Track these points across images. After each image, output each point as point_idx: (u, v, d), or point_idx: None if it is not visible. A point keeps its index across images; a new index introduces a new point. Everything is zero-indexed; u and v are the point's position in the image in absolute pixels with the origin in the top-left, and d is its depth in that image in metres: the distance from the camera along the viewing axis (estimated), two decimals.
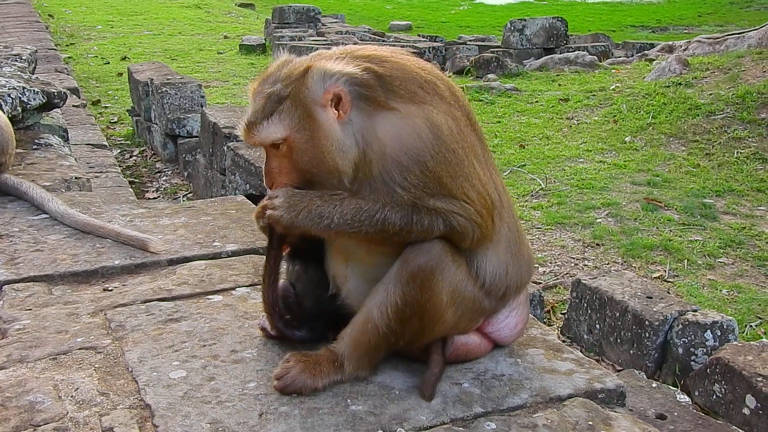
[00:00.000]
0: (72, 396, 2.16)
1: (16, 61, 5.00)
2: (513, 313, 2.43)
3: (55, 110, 5.09)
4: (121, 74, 13.52)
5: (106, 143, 9.55)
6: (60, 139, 4.68)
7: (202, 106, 9.47)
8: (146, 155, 10.33)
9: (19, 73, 4.70)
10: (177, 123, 9.59)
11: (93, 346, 2.43)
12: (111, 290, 2.84)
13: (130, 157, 10.30)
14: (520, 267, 2.38)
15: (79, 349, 2.42)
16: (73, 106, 10.51)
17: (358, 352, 2.26)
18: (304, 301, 2.42)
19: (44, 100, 4.57)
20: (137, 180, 9.24)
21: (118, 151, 10.36)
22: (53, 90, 4.70)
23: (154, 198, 8.71)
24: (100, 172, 8.53)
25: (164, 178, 9.42)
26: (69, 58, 14.94)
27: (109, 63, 14.97)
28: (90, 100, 12.41)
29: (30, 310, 2.68)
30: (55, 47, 14.11)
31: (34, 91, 4.48)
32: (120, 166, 9.18)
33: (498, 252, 2.32)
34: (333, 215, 2.15)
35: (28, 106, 4.44)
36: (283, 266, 2.40)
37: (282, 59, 2.29)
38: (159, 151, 10.09)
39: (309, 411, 2.12)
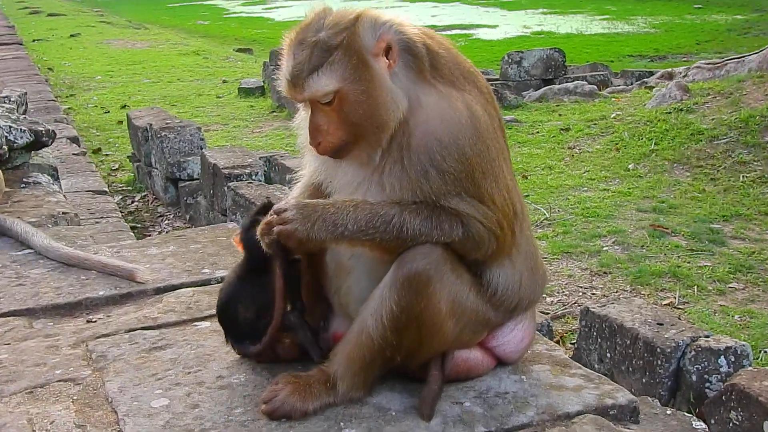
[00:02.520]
0: (47, 430, 2.04)
1: (5, 102, 4.96)
2: (519, 326, 2.28)
3: (45, 150, 5.03)
4: (121, 122, 13.54)
5: (106, 189, 9.53)
6: (49, 178, 4.63)
7: (201, 149, 9.45)
8: (148, 200, 10.29)
9: (6, 114, 4.65)
10: (177, 166, 9.57)
11: (72, 378, 2.33)
12: (95, 321, 2.74)
13: (132, 202, 10.27)
14: (534, 282, 2.25)
15: (58, 381, 2.31)
16: (73, 154, 10.53)
17: (352, 369, 2.11)
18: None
19: (32, 139, 4.52)
20: (139, 225, 9.18)
21: (120, 197, 10.34)
22: (41, 128, 4.65)
23: None
24: (101, 217, 8.48)
25: (166, 222, 9.35)
26: (69, 108, 15.00)
27: (109, 112, 15.02)
28: (91, 148, 12.42)
29: (8, 344, 2.57)
30: (54, 99, 14.20)
31: (20, 129, 4.43)
32: (122, 212, 9.13)
33: (515, 264, 2.18)
34: (347, 222, 2.01)
35: (15, 144, 4.39)
36: None
37: (319, 8, 2.11)
38: (160, 196, 10.04)
39: None
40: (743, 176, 8.49)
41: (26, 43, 21.44)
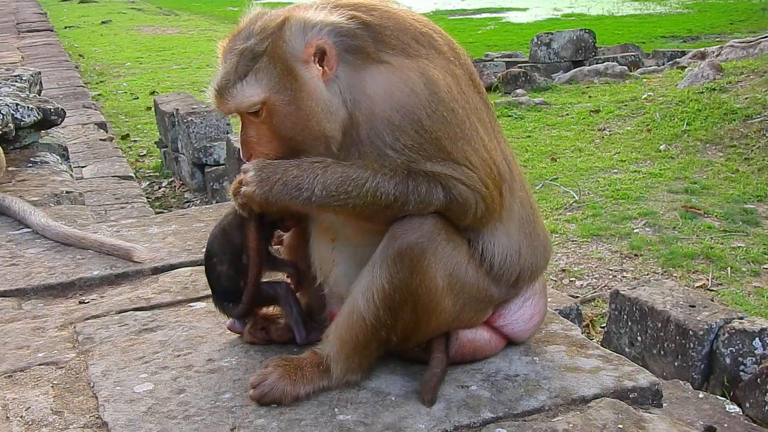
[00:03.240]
0: (21, 416, 1.95)
1: (16, 81, 4.89)
2: (527, 303, 2.12)
3: (55, 129, 4.96)
4: (149, 108, 13.57)
5: (132, 175, 9.53)
6: (58, 158, 4.55)
7: (227, 134, 9.42)
8: (175, 186, 10.30)
9: (17, 92, 4.58)
10: (203, 152, 9.55)
11: (54, 361, 2.23)
12: (87, 302, 2.63)
13: (159, 188, 10.28)
14: (535, 249, 2.07)
15: (39, 364, 2.21)
16: (101, 139, 10.54)
17: (346, 351, 1.97)
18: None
19: (39, 117, 4.43)
20: (165, 210, 9.16)
21: (147, 183, 10.36)
22: (50, 107, 4.56)
23: None
24: (126, 203, 8.47)
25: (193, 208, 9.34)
26: (98, 95, 15.08)
27: (138, 98, 15.07)
28: (119, 134, 12.47)
29: None
30: (83, 85, 14.25)
31: (28, 107, 4.34)
32: (149, 198, 9.13)
33: (509, 231, 2.01)
34: (314, 186, 1.86)
35: (22, 123, 4.30)
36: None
37: (254, 12, 1.99)
38: (187, 181, 10.04)
39: (289, 423, 1.86)
40: None
41: (57, 30, 21.59)
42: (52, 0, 32.82)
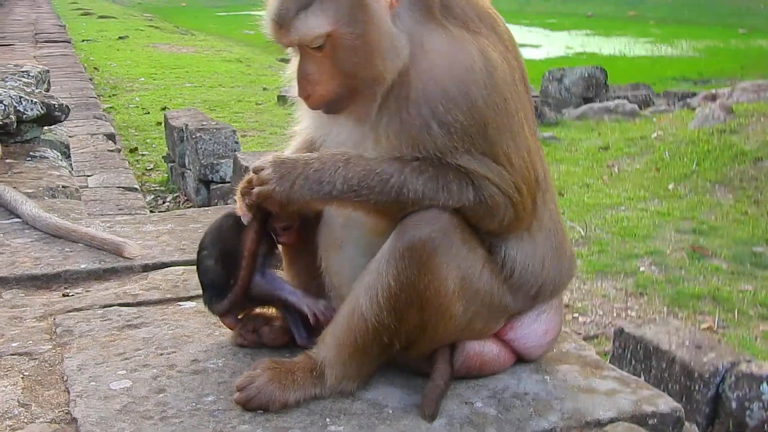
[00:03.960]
0: None
1: (23, 77, 4.85)
2: (542, 317, 1.99)
3: (58, 126, 4.90)
4: (160, 123, 13.60)
5: (137, 187, 9.50)
6: (58, 154, 4.48)
7: (234, 151, 9.40)
8: (179, 201, 10.27)
9: (23, 87, 4.53)
10: (210, 168, 9.53)
11: (28, 352, 2.14)
12: (71, 295, 2.54)
13: (163, 202, 10.26)
14: (560, 264, 1.96)
15: (11, 354, 2.13)
16: (108, 150, 10.55)
17: (343, 355, 1.84)
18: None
19: (43, 112, 4.35)
20: None
21: (152, 196, 10.34)
22: (54, 102, 4.50)
23: None
24: (128, 214, 8.42)
25: None
26: (110, 107, 15.14)
27: (149, 113, 15.12)
28: (128, 147, 12.48)
29: None
30: (96, 96, 14.33)
31: (31, 101, 4.27)
32: (152, 212, 9.08)
33: (536, 240, 1.89)
34: (335, 180, 1.75)
35: (25, 116, 4.23)
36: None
37: None
38: (192, 197, 10.00)
39: (275, 431, 1.74)
40: None
41: (75, 43, 21.77)
42: (72, 14, 33.20)
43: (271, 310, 2.18)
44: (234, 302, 2.07)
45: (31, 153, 4.42)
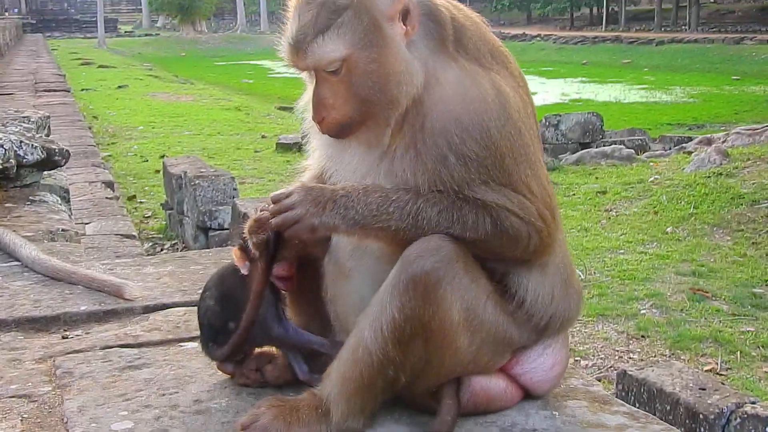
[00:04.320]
0: None
1: (24, 122, 4.89)
2: (548, 350, 1.97)
3: (58, 170, 4.93)
4: (158, 171, 13.66)
5: (135, 234, 9.50)
6: (58, 198, 4.49)
7: (233, 198, 9.43)
8: (177, 248, 10.26)
9: (23, 132, 4.56)
10: (208, 215, 9.56)
11: (27, 394, 2.12)
12: (71, 337, 2.53)
13: (161, 250, 10.24)
14: (568, 297, 1.95)
15: (10, 397, 2.11)
16: (107, 198, 10.57)
17: (348, 391, 1.82)
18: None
19: (43, 156, 4.38)
20: None
21: (150, 244, 10.34)
22: (54, 147, 4.52)
23: None
24: (128, 257, 8.41)
25: None
26: (109, 155, 15.22)
27: (147, 161, 15.20)
28: (126, 195, 12.51)
29: None
30: (95, 145, 14.40)
31: (32, 146, 4.28)
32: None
33: (545, 272, 1.89)
34: (357, 205, 1.76)
35: (25, 161, 4.25)
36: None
37: None
38: (190, 244, 9.99)
39: None
40: None
41: (75, 92, 21.96)
42: (72, 64, 33.57)
43: (271, 348, 2.18)
44: (235, 347, 2.06)
45: (30, 197, 4.44)
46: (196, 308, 2.18)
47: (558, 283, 1.94)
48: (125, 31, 73.16)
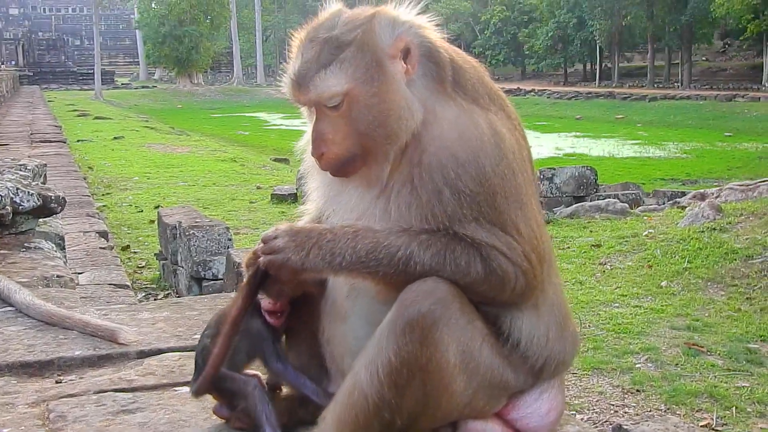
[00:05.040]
0: None
1: (20, 170, 4.92)
2: (544, 395, 1.96)
3: (54, 218, 4.94)
4: (153, 221, 13.68)
5: (128, 284, 9.46)
6: (53, 245, 4.49)
7: (228, 248, 9.42)
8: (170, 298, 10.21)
9: (20, 180, 4.59)
10: (203, 265, 9.54)
11: None
12: (64, 382, 2.52)
13: (155, 300, 10.18)
14: (564, 339, 1.95)
15: None
16: (101, 248, 10.56)
17: None
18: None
19: (39, 203, 4.39)
20: None
21: (143, 294, 10.29)
22: (50, 194, 4.55)
23: None
24: (123, 303, 8.36)
25: None
26: (104, 206, 15.23)
27: (142, 211, 15.23)
28: (120, 245, 12.49)
29: None
30: (89, 195, 14.43)
31: (28, 193, 4.31)
32: None
33: (540, 313, 1.89)
34: (345, 251, 1.78)
35: (21, 208, 4.27)
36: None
37: (334, 8, 1.94)
38: (183, 295, 9.95)
39: None
40: None
41: (70, 143, 22.09)
42: (68, 115, 33.82)
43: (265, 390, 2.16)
44: (206, 382, 2.03)
45: (26, 244, 4.44)
46: (191, 353, 2.17)
47: (553, 325, 1.94)
48: (122, 83, 73.82)
